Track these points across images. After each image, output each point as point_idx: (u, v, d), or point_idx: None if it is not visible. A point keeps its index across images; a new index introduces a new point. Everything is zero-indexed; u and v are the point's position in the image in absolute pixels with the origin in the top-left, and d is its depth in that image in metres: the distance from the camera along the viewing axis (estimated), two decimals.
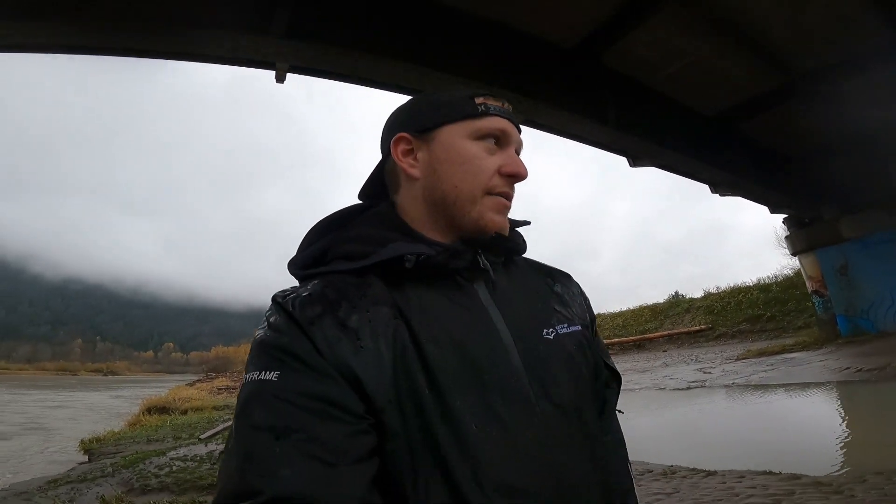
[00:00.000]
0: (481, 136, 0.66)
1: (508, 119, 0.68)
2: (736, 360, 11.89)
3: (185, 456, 6.72)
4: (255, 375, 0.54)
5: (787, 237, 12.82)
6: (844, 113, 8.68)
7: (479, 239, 0.66)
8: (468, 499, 0.51)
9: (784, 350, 11.61)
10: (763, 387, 7.81)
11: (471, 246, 0.65)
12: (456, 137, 0.66)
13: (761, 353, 11.91)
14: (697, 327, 20.43)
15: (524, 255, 0.76)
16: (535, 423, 0.57)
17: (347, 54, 4.97)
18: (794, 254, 12.85)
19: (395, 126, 0.70)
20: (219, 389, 23.33)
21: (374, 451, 0.52)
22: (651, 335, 21.70)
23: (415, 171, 0.67)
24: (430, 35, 5.35)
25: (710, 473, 3.90)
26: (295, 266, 0.67)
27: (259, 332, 0.58)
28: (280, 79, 5.26)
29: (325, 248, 0.67)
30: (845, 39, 6.71)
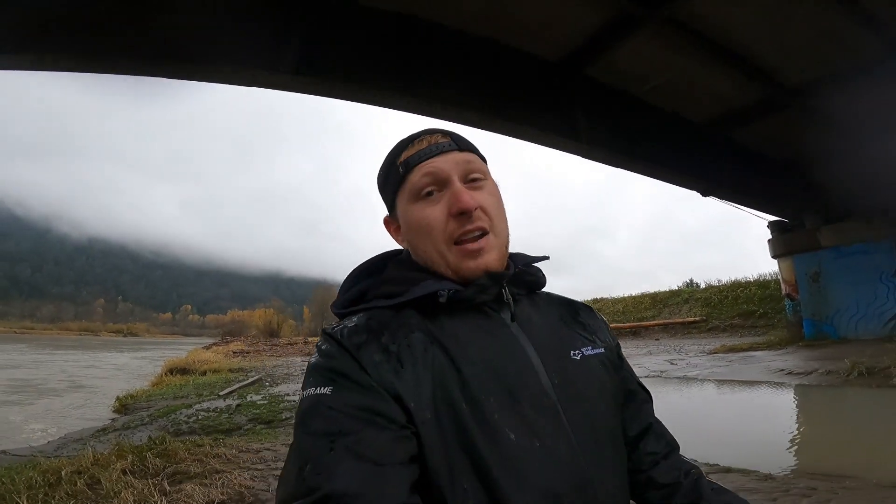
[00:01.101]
0: (417, 195, 0.70)
1: (437, 154, 0.70)
2: (708, 354, 12.44)
3: (207, 408, 7.86)
4: (311, 391, 0.59)
5: (769, 240, 13.35)
6: (831, 125, 8.83)
7: (502, 274, 0.69)
8: (510, 502, 0.55)
9: (751, 348, 12.15)
10: (705, 381, 8.58)
11: (496, 281, 0.68)
12: (404, 206, 0.72)
13: (731, 350, 12.43)
14: (692, 318, 20.82)
15: (549, 291, 0.81)
16: (565, 434, 0.61)
17: (346, 87, 5.81)
18: (774, 257, 13.38)
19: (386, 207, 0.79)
20: (234, 353, 24.24)
21: (414, 459, 0.56)
22: (647, 323, 22.18)
23: (405, 245, 0.76)
24: (416, 69, 6.08)
25: None
26: (337, 307, 0.73)
27: (312, 359, 0.63)
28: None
29: (363, 290, 0.74)
30: (830, 54, 6.94)
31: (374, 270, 0.77)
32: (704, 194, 10.25)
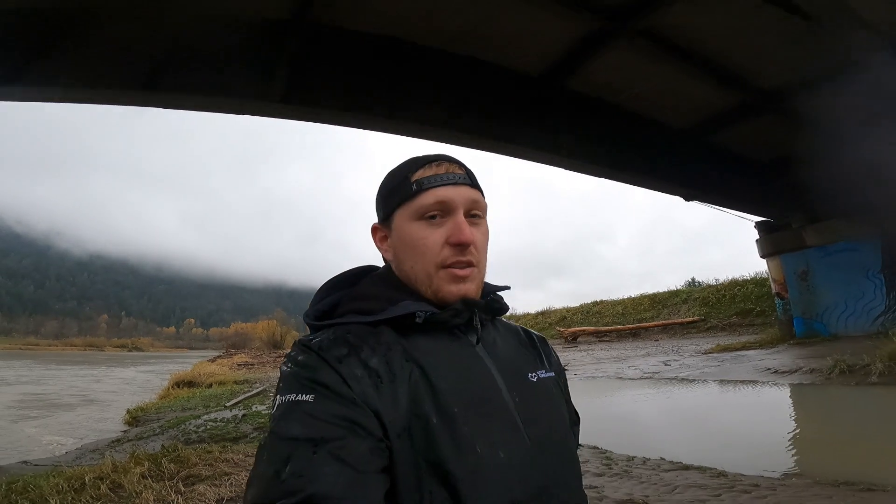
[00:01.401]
0: (422, 215, 0.72)
1: (451, 183, 0.73)
2: (703, 354, 12.58)
3: (215, 419, 8.19)
4: (290, 397, 0.60)
5: (757, 240, 13.61)
6: (810, 127, 9.20)
7: (476, 302, 0.74)
8: None
9: (744, 347, 12.32)
10: (694, 382, 8.81)
11: (469, 307, 0.72)
12: (404, 221, 0.74)
13: (725, 349, 12.57)
14: (690, 318, 20.93)
15: (507, 321, 0.86)
16: (525, 447, 0.65)
17: (333, 113, 6.11)
18: (762, 256, 13.65)
19: (376, 213, 0.81)
20: (238, 365, 24.09)
21: (386, 470, 0.58)
22: (646, 324, 22.27)
23: (388, 255, 0.79)
24: (401, 92, 6.34)
25: None
26: (309, 318, 0.75)
27: (286, 368, 0.64)
28: None
29: (335, 302, 0.76)
30: (800, 60, 7.17)
31: (346, 284, 0.80)
32: (687, 199, 10.41)
